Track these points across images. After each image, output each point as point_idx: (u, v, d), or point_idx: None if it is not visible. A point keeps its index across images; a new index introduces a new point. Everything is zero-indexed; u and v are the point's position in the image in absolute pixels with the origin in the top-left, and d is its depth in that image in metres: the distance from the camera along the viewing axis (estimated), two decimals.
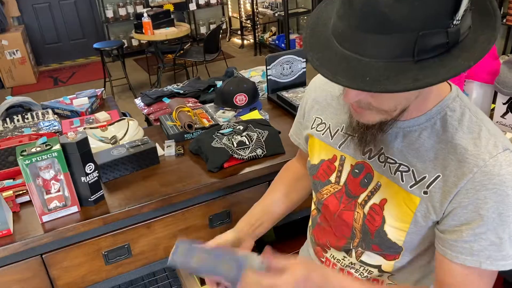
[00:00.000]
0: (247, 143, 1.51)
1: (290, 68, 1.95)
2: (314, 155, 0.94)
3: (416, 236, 0.78)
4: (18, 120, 1.88)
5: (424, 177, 0.74)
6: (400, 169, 0.77)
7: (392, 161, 0.78)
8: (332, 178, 0.89)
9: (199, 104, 1.99)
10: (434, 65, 0.57)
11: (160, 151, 1.58)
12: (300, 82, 2.00)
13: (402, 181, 0.76)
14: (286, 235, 1.69)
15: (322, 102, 0.95)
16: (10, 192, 1.30)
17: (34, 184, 1.20)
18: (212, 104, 1.92)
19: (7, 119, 1.87)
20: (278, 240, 1.75)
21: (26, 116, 1.90)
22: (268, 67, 1.91)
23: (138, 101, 2.16)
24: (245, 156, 1.47)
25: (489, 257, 0.70)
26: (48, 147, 1.19)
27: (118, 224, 1.32)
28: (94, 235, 1.30)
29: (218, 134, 1.55)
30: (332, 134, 0.90)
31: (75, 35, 6.37)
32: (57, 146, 1.20)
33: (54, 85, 5.63)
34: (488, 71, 1.50)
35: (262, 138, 1.54)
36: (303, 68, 1.99)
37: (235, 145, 1.49)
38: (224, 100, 1.83)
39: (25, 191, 1.34)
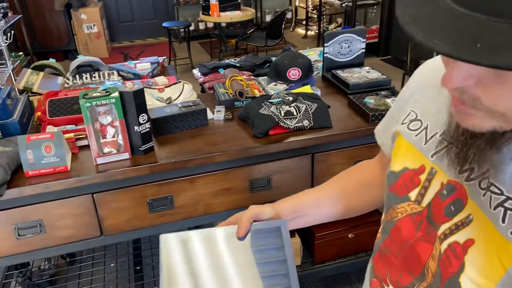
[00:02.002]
0: (295, 113, 1.52)
1: (348, 47, 1.92)
2: (397, 160, 0.73)
3: None
4: (86, 78, 2.03)
5: None
6: (505, 204, 0.54)
7: (497, 192, 0.55)
8: (413, 194, 0.68)
9: (253, 77, 2.02)
10: None
11: (210, 116, 1.63)
12: (358, 63, 1.96)
13: (503, 222, 0.54)
14: None
15: (425, 92, 0.71)
16: (71, 135, 1.42)
17: (93, 127, 1.29)
18: (266, 77, 1.95)
19: (77, 76, 2.03)
20: None
21: (93, 75, 2.05)
22: (326, 44, 1.89)
23: (195, 71, 2.24)
24: (291, 125, 1.48)
25: None
26: (108, 93, 1.29)
27: (163, 175, 1.39)
28: (141, 182, 1.38)
29: (267, 102, 1.58)
30: (427, 138, 0.68)
31: (147, 15, 6.68)
32: (116, 94, 1.29)
33: (124, 61, 5.96)
34: None
35: (310, 110, 1.53)
36: (362, 48, 1.95)
37: (283, 114, 1.51)
38: (277, 73, 1.85)
39: (84, 135, 1.45)
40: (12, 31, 2.43)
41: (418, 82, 0.75)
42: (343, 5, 5.60)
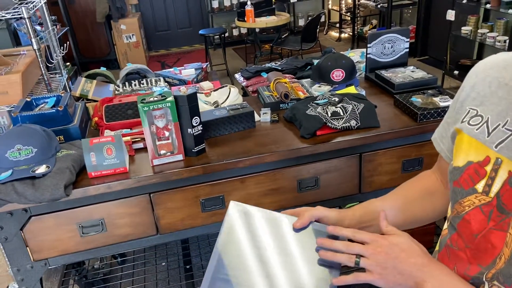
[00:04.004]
0: (342, 114, 1.53)
1: (392, 47, 1.92)
2: (460, 156, 0.75)
3: None
4: (135, 85, 2.12)
5: None
6: None
7: None
8: (479, 186, 0.70)
9: (295, 79, 2.05)
10: None
11: (256, 118, 1.67)
12: (401, 63, 1.96)
13: None
14: None
15: (482, 90, 0.74)
16: (128, 138, 1.50)
17: (150, 130, 1.36)
18: (308, 79, 1.97)
19: (126, 83, 2.12)
20: None
21: (142, 82, 2.14)
22: (369, 45, 1.90)
23: (238, 75, 2.29)
24: (338, 126, 1.50)
25: None
26: (163, 98, 1.35)
27: (215, 176, 1.44)
28: (194, 183, 1.43)
29: (313, 103, 1.60)
30: (490, 130, 0.70)
31: (182, 24, 6.87)
32: (171, 98, 1.35)
33: (162, 68, 6.14)
34: None
35: (357, 110, 1.55)
36: (406, 48, 1.94)
37: (329, 115, 1.53)
38: (320, 75, 1.87)
39: (139, 139, 1.53)
40: (68, 42, 2.57)
41: (474, 81, 0.77)
42: (378, 6, 5.55)
